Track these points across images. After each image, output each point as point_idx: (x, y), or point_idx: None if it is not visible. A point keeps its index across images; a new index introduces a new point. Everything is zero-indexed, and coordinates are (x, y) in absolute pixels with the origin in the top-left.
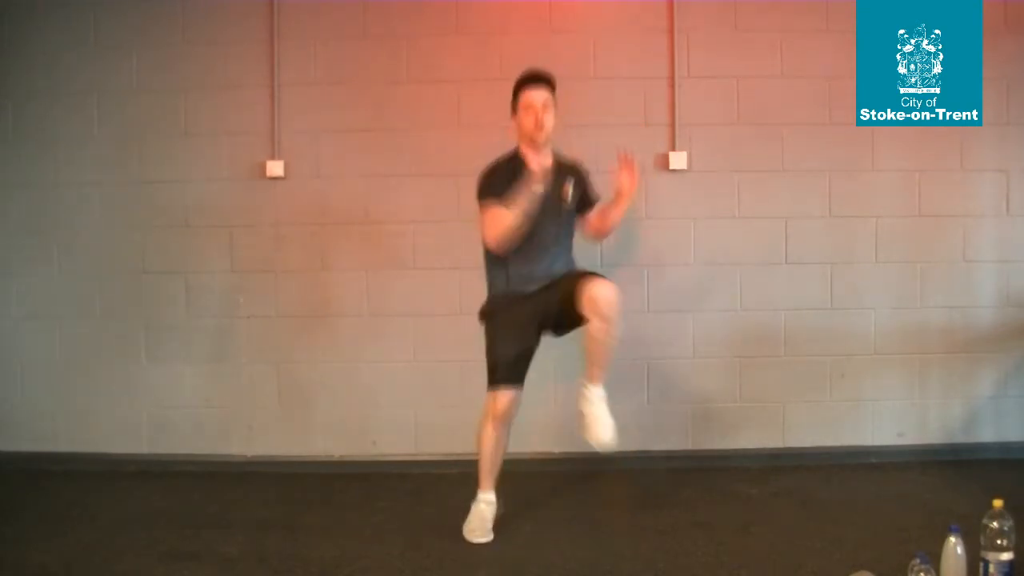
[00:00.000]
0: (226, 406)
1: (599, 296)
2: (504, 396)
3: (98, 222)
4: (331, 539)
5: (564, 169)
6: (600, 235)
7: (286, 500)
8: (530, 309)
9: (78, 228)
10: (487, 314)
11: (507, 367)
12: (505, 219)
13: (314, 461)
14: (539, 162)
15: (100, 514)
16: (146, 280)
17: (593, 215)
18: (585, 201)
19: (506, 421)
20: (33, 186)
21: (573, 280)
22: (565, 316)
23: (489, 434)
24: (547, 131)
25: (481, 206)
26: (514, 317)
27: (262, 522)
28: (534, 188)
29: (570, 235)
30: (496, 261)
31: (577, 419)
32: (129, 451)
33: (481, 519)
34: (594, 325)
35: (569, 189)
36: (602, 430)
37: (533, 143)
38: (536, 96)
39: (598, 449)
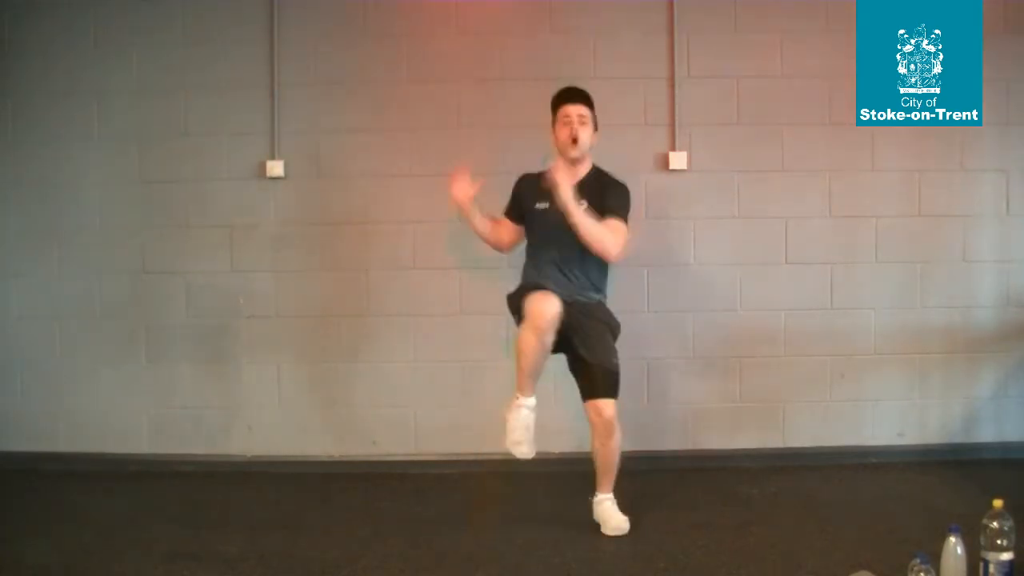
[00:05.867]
0: (226, 406)
1: (597, 417)
2: (534, 298)
3: (98, 222)
4: (331, 539)
5: (589, 185)
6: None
7: (286, 500)
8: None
9: (78, 228)
10: (513, 295)
11: (531, 285)
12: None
13: (314, 461)
14: (573, 175)
15: (100, 514)
16: (146, 280)
17: None
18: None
19: (544, 324)
20: (33, 186)
21: (589, 354)
22: (570, 363)
23: (528, 338)
24: (581, 145)
25: None
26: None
27: (262, 522)
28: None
29: (585, 250)
30: (525, 260)
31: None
32: (129, 451)
33: (525, 427)
34: (594, 441)
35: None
36: (614, 526)
37: (567, 157)
38: (572, 111)
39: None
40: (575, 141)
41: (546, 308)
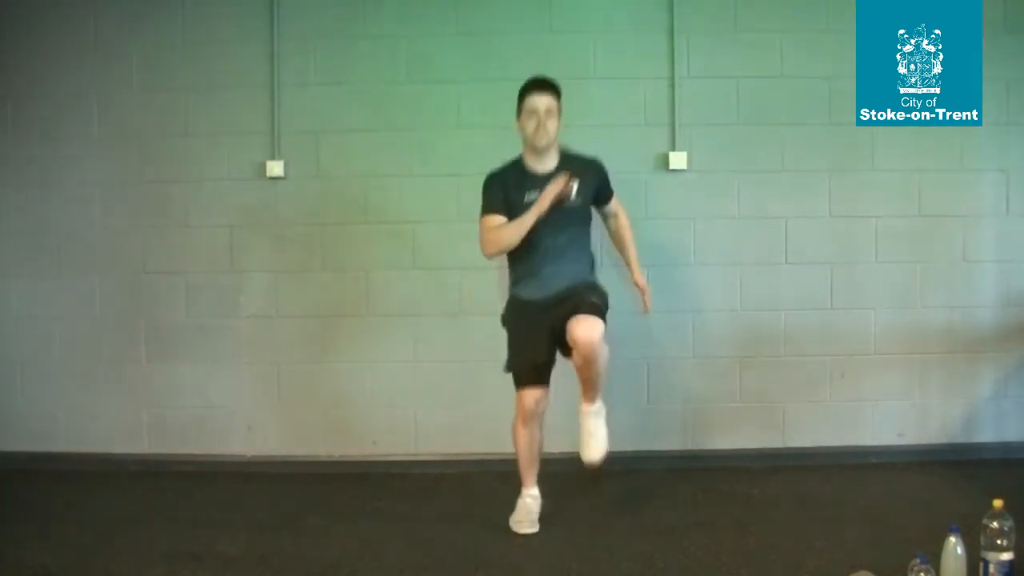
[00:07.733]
0: (226, 406)
1: (579, 338)
2: (528, 395)
3: (98, 222)
4: (331, 539)
5: (571, 168)
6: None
7: (286, 500)
8: (542, 323)
9: (78, 228)
10: (505, 318)
11: (527, 371)
12: (502, 234)
13: (314, 461)
14: (543, 167)
15: (100, 514)
16: (146, 280)
17: (615, 215)
18: (600, 196)
19: (534, 418)
20: (33, 186)
21: (574, 304)
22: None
23: (520, 432)
24: (550, 136)
25: (481, 216)
26: (528, 327)
27: (262, 522)
28: (553, 194)
29: (578, 235)
30: (508, 261)
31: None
32: (129, 451)
33: (527, 511)
34: (576, 363)
35: (572, 189)
36: (590, 447)
37: (535, 148)
38: (539, 102)
39: (585, 465)
40: (543, 134)
41: (533, 403)
